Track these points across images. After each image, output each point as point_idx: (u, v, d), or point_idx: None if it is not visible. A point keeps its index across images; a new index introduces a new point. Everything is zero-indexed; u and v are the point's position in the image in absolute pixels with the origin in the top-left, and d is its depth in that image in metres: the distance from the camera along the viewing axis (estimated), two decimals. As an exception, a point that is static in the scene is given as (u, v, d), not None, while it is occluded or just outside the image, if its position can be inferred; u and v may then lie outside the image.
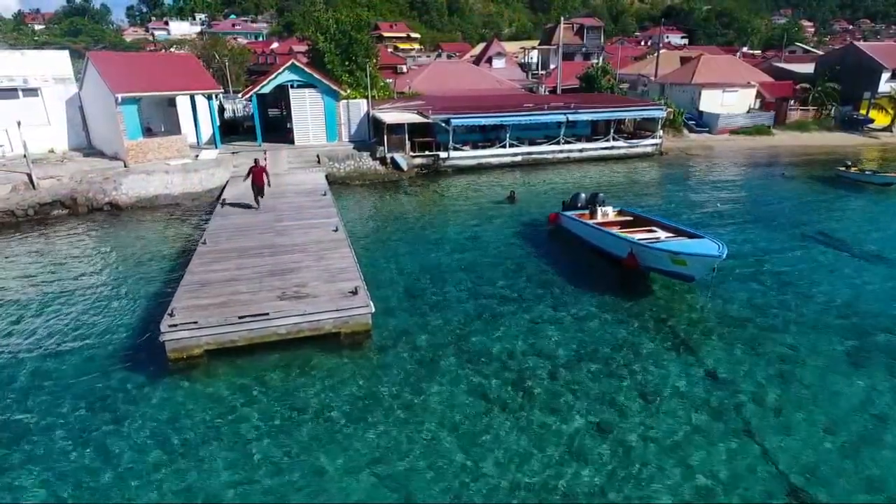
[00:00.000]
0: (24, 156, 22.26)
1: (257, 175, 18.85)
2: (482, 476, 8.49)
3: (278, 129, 33.91)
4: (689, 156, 35.05)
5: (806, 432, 9.46)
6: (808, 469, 8.65)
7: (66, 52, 28.06)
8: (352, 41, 36.69)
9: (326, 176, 25.88)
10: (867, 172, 27.41)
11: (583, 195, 19.57)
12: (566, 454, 8.95)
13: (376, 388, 10.62)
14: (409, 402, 10.26)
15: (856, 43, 49.93)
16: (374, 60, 39.14)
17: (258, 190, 19.04)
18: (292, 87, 29.35)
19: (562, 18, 56.22)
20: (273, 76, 29.15)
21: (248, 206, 19.50)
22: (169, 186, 23.71)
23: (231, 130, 34.10)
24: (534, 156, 31.67)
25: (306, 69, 29.71)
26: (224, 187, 23.33)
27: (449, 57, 79.73)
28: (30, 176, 22.08)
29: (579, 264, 16.88)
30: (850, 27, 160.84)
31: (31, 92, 26.32)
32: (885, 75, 41.98)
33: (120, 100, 23.91)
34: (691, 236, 15.58)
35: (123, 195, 22.88)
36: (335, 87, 30.14)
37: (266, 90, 29.65)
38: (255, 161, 19.31)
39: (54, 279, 15.74)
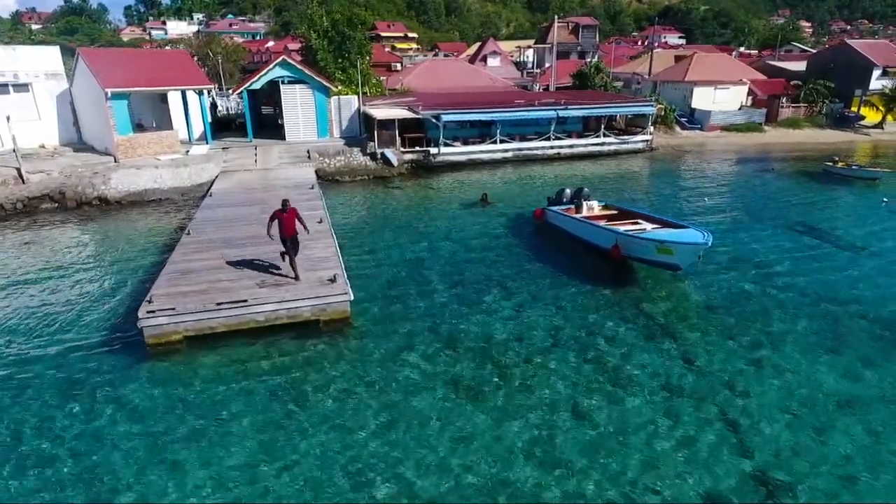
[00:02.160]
0: (14, 150, 22.36)
1: (287, 223, 12.40)
2: (458, 460, 8.59)
3: (272, 126, 33.94)
4: (679, 152, 35.18)
5: (777, 415, 9.55)
6: (777, 452, 8.74)
7: (56, 48, 28.21)
8: (345, 38, 36.82)
9: (316, 171, 26.00)
10: (854, 167, 27.57)
11: (568, 190, 19.65)
12: (538, 438, 9.05)
13: (354, 374, 10.71)
14: (385, 387, 10.35)
15: (848, 41, 50.10)
16: (368, 58, 39.27)
17: (292, 244, 12.57)
18: (283, 83, 29.45)
19: (555, 17, 56.32)
20: (263, 72, 29.25)
21: (235, 203, 18.60)
22: (158, 181, 23.79)
23: (224, 127, 34.26)
24: (524, 152, 31.77)
25: (297, 65, 29.83)
26: (213, 181, 23.42)
27: (446, 56, 79.83)
28: (19, 170, 22.19)
29: (563, 257, 17.00)
30: (848, 28, 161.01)
31: (22, 87, 26.45)
32: (876, 73, 42.18)
33: (109, 95, 24.01)
34: (676, 226, 15.74)
35: (112, 189, 22.96)
36: (326, 84, 30.25)
37: (257, 86, 29.75)
38: (284, 204, 12.61)
39: (40, 270, 15.83)
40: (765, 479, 8.17)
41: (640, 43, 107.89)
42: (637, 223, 16.88)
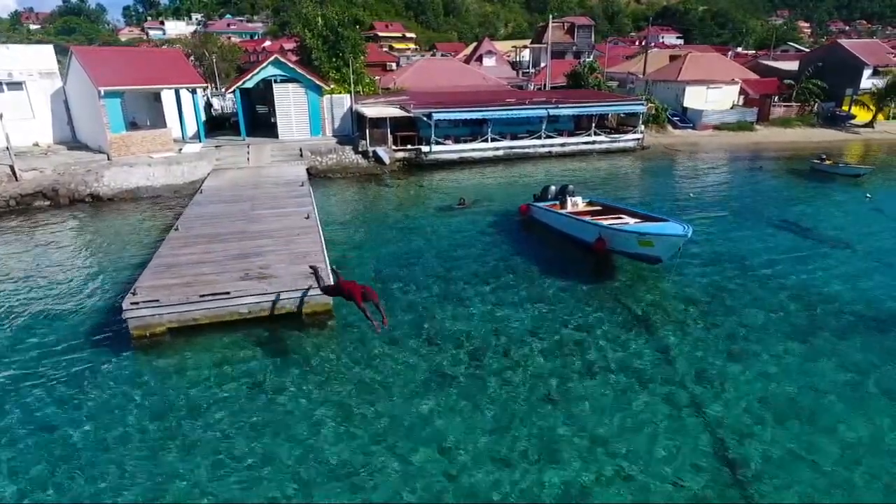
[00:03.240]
0: (7, 148, 22.58)
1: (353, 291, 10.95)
2: (437, 448, 8.81)
3: (266, 125, 34.27)
4: (670, 151, 35.40)
5: (747, 405, 9.77)
6: (742, 437, 8.96)
7: (50, 47, 28.41)
8: (339, 37, 37.03)
9: (308, 169, 26.25)
10: (840, 165, 27.85)
11: (553, 187, 19.92)
12: (514, 425, 9.28)
13: (335, 366, 10.93)
14: (365, 378, 10.58)
15: (839, 40, 50.37)
16: (362, 57, 39.51)
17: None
18: (276, 81, 29.68)
19: (550, 17, 56.60)
20: (256, 71, 29.52)
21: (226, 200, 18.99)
22: (151, 179, 24.04)
23: (219, 126, 34.60)
24: (515, 150, 32.00)
25: (289, 64, 30.08)
26: (205, 179, 23.67)
27: (443, 56, 80.00)
28: (12, 168, 22.42)
29: (547, 251, 17.24)
30: (847, 28, 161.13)
31: (16, 86, 26.66)
32: (867, 72, 42.45)
33: (103, 93, 24.25)
34: (657, 220, 16.01)
35: (105, 187, 23.20)
36: (319, 82, 30.48)
37: (250, 84, 30.00)
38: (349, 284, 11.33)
39: (31, 265, 16.10)
40: (732, 464, 8.41)
41: (637, 43, 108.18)
42: (620, 218, 17.16)
